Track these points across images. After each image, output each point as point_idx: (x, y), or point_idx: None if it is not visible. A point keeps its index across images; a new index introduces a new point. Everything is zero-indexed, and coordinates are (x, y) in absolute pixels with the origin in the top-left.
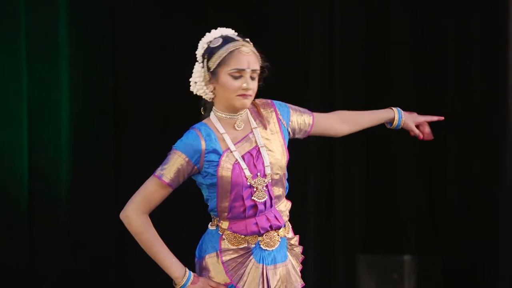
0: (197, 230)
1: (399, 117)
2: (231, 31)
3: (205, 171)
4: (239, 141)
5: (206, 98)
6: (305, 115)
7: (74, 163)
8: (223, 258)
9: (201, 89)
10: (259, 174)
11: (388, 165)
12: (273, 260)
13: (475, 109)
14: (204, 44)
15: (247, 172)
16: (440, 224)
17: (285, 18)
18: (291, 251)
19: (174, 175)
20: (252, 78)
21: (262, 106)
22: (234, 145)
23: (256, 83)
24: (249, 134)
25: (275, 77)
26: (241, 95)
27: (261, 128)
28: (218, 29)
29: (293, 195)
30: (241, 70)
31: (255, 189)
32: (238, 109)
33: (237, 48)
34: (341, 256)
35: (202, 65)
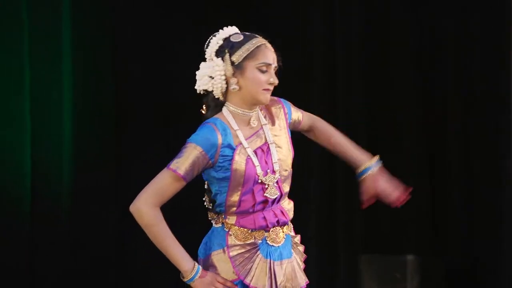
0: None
1: (366, 170)
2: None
3: (219, 165)
4: (250, 137)
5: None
6: (298, 112)
7: (76, 163)
8: (231, 253)
9: (219, 84)
10: (269, 170)
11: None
12: (280, 256)
13: (476, 109)
14: (219, 41)
15: (259, 170)
16: (442, 224)
17: (285, 18)
18: (295, 249)
19: (189, 168)
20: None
21: (271, 103)
22: (246, 141)
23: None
24: (259, 131)
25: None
26: (266, 89)
27: (270, 125)
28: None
29: (295, 193)
30: (269, 64)
31: (266, 185)
32: (262, 103)
33: (263, 43)
34: (343, 256)
35: (222, 60)
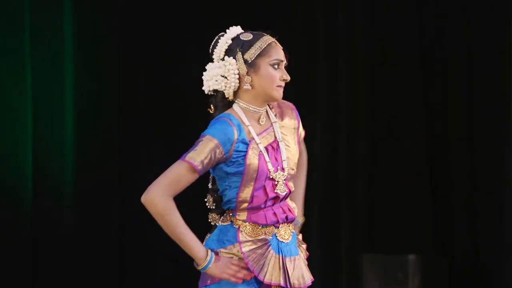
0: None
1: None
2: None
3: (232, 160)
4: (261, 133)
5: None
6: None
7: (77, 163)
8: (243, 249)
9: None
10: (278, 167)
11: (392, 164)
12: (289, 252)
13: (476, 109)
14: (228, 40)
15: (270, 166)
16: (444, 223)
17: (287, 18)
18: (300, 247)
19: (204, 161)
20: None
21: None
22: (257, 137)
23: None
24: (269, 128)
25: None
26: (279, 86)
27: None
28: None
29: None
30: (281, 61)
31: (276, 182)
32: (275, 99)
33: (273, 40)
34: (346, 256)
35: (235, 59)
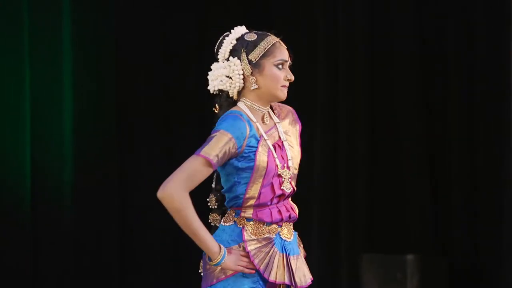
0: None
1: None
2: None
3: (243, 155)
4: (267, 132)
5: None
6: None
7: (77, 163)
8: (249, 247)
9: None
10: (285, 165)
11: (392, 164)
12: (292, 251)
13: (476, 109)
14: (233, 40)
15: (278, 162)
16: (443, 223)
17: (287, 18)
18: (299, 246)
19: (220, 155)
20: None
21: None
22: (265, 134)
23: None
24: (273, 128)
25: None
26: (284, 86)
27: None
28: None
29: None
30: (285, 61)
31: (282, 179)
32: (280, 99)
33: (277, 40)
34: (345, 256)
35: (239, 59)
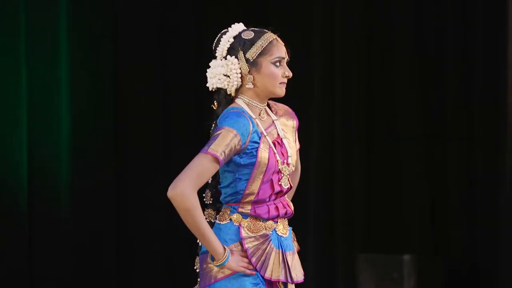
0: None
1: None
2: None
3: (246, 152)
4: (267, 128)
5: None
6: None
7: (74, 163)
8: (246, 245)
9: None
10: (285, 161)
11: (390, 164)
12: (288, 247)
13: (475, 109)
14: (230, 39)
15: (278, 157)
16: (440, 223)
17: (287, 18)
18: (294, 241)
19: (226, 151)
20: None
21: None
22: (265, 131)
23: None
24: (272, 125)
25: None
26: (282, 83)
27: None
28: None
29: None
30: (282, 58)
31: (281, 175)
32: (279, 96)
33: (274, 38)
34: (342, 256)
35: (237, 58)
